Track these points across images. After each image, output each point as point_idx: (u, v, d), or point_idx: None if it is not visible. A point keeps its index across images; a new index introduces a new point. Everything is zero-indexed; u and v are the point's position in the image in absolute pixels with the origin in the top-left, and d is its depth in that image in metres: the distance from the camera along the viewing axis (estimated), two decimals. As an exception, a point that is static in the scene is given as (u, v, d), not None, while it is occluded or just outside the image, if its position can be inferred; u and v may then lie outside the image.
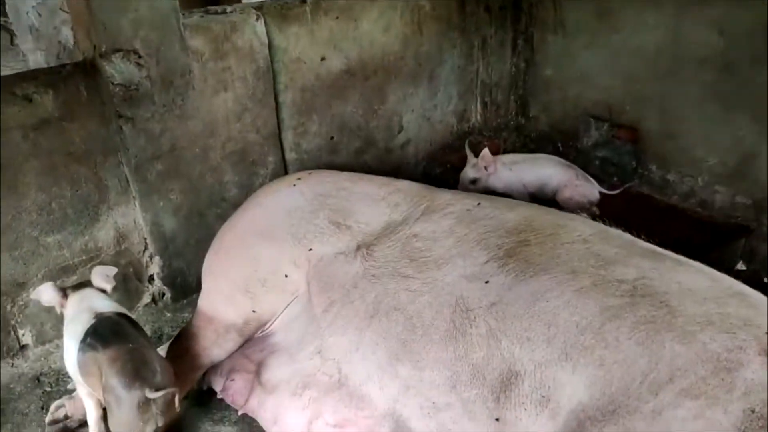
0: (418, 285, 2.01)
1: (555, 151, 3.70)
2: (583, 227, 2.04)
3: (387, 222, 2.31)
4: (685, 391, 1.40)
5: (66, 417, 2.25)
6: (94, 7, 2.38)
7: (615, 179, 3.47)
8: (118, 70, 2.47)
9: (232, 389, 2.24)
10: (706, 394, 1.38)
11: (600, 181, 3.29)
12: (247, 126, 2.94)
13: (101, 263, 2.68)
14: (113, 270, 2.19)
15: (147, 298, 2.95)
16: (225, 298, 2.34)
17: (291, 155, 3.21)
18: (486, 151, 3.20)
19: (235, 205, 2.82)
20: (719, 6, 2.90)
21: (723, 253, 2.97)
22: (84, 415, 2.16)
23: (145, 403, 1.83)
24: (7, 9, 3.33)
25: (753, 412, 1.35)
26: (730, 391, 1.37)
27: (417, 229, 2.22)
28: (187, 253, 2.92)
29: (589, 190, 3.22)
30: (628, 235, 2.03)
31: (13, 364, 2.61)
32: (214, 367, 2.35)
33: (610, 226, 2.10)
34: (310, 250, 2.28)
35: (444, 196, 2.38)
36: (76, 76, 2.49)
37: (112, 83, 2.48)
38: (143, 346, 1.96)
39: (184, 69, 2.65)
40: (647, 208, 3.28)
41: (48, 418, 2.24)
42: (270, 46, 2.91)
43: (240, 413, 2.23)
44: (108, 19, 2.42)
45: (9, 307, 2.58)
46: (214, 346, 2.31)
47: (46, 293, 2.10)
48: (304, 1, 3.05)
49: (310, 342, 2.14)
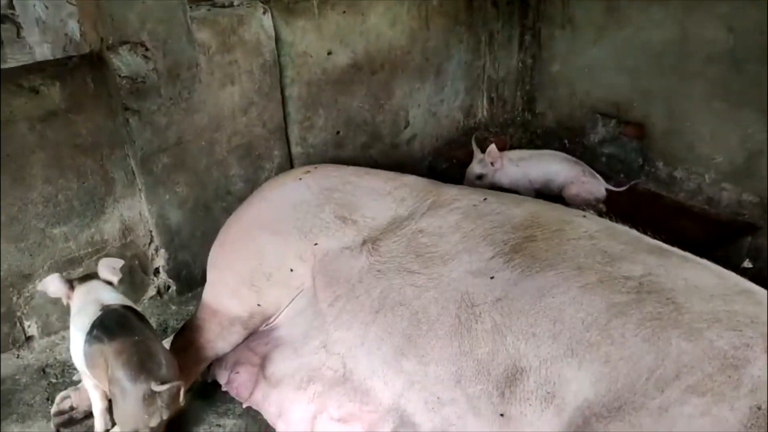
0: (423, 280, 2.01)
1: (561, 148, 3.68)
2: (590, 224, 2.04)
3: (393, 217, 2.31)
4: (692, 388, 1.40)
5: (71, 408, 2.25)
6: (102, -1, 2.39)
7: (621, 176, 3.45)
8: (125, 62, 2.47)
9: (237, 382, 2.25)
10: (712, 391, 1.38)
11: (606, 178, 3.27)
12: (254, 120, 2.93)
13: (107, 255, 2.69)
14: (120, 262, 2.20)
15: (152, 291, 2.96)
16: (230, 292, 2.34)
17: (297, 149, 3.21)
18: (493, 146, 3.19)
19: (241, 198, 2.81)
20: (728, 2, 2.88)
21: (729, 251, 2.96)
22: (89, 406, 2.17)
23: (150, 396, 1.84)
24: (14, 1, 3.33)
25: (759, 409, 1.34)
26: (736, 388, 1.37)
27: (423, 224, 2.21)
28: (193, 246, 2.92)
29: (596, 186, 3.20)
30: (634, 232, 2.03)
31: (18, 356, 2.61)
32: (219, 359, 2.35)
33: (617, 222, 2.10)
34: (316, 244, 2.28)
35: (450, 192, 2.38)
36: (83, 69, 2.50)
37: (119, 76, 2.48)
38: (149, 338, 1.97)
39: (191, 62, 2.64)
40: (654, 206, 3.26)
41: (53, 409, 2.25)
42: (277, 39, 2.91)
43: (244, 406, 2.23)
44: (115, 12, 2.42)
45: (15, 298, 2.59)
46: (218, 339, 2.31)
47: (52, 285, 2.10)
48: (312, -5, 3.05)
49: (315, 336, 2.14)
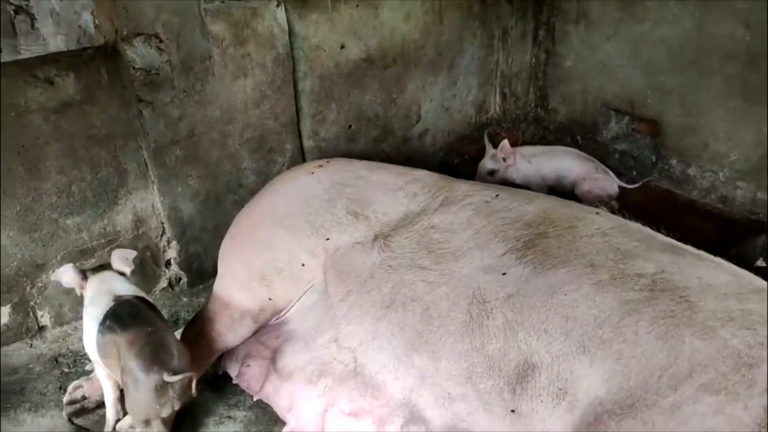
0: (435, 276, 2.00)
1: (574, 144, 3.66)
2: (602, 220, 2.03)
3: (405, 212, 2.30)
4: (705, 387, 1.39)
5: (83, 398, 2.27)
6: (117, -10, 2.39)
7: (634, 173, 3.43)
8: (139, 54, 2.48)
9: (248, 375, 2.25)
10: (726, 389, 1.37)
11: (619, 175, 3.26)
12: (266, 113, 2.93)
13: (119, 247, 2.70)
14: (132, 253, 2.21)
15: (164, 283, 2.98)
16: (241, 285, 2.35)
17: (309, 143, 3.21)
18: (505, 142, 3.18)
19: (252, 191, 2.82)
20: (745, -2, 2.86)
21: (743, 250, 2.93)
22: (101, 396, 2.18)
23: (162, 387, 1.86)
24: (29, -8, 3.34)
25: (773, 408, 1.33)
26: (750, 387, 1.36)
27: (435, 220, 2.21)
28: (204, 238, 2.93)
29: (609, 183, 3.19)
30: (647, 229, 2.01)
31: (31, 345, 2.64)
32: (230, 352, 2.36)
33: (630, 220, 2.09)
34: (327, 239, 2.28)
35: (462, 187, 2.37)
36: (98, 60, 2.51)
37: (133, 67, 2.49)
38: (161, 329, 1.98)
39: (204, 54, 2.65)
40: (667, 203, 3.24)
41: (66, 399, 2.27)
42: (290, 32, 2.90)
43: (255, 399, 2.23)
44: (130, 4, 2.43)
45: (28, 288, 2.61)
46: (229, 332, 2.32)
47: (66, 275, 2.12)
48: (325, -12, 3.04)
49: (326, 330, 2.14)
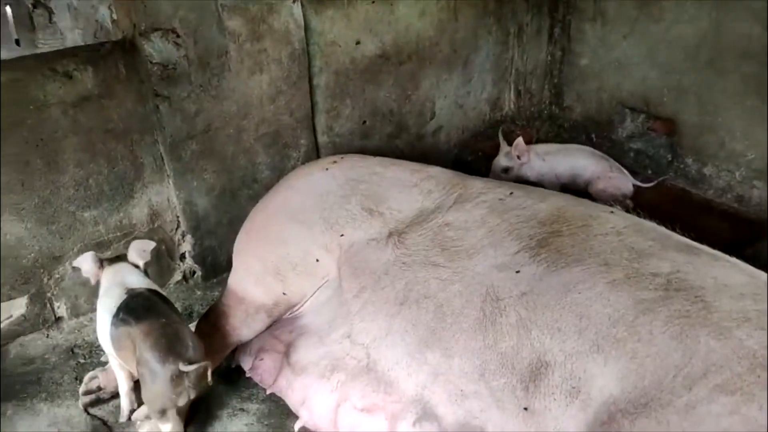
0: (448, 274, 2.00)
1: (589, 142, 3.65)
2: (617, 219, 2.02)
3: (419, 209, 2.30)
4: (720, 387, 1.39)
5: (99, 388, 2.30)
6: (135, -14, 2.41)
7: (649, 172, 3.42)
8: (156, 49, 2.50)
9: (261, 368, 2.27)
10: (741, 390, 1.36)
11: (634, 174, 3.24)
12: (281, 108, 2.94)
13: (135, 240, 2.72)
14: (151, 244, 2.22)
15: (178, 276, 3.00)
16: (255, 280, 2.36)
17: (323, 138, 3.21)
18: (520, 140, 3.17)
19: (267, 186, 2.84)
20: (762, -2, 2.84)
21: (759, 250, 2.92)
22: (116, 386, 2.21)
23: (178, 377, 1.87)
24: (47, -13, 3.37)
25: (789, 409, 1.33)
26: (766, 388, 1.35)
27: (449, 218, 2.20)
28: (219, 232, 2.95)
29: (623, 182, 3.17)
30: (662, 228, 2.00)
31: (48, 335, 2.67)
32: (243, 345, 2.37)
33: (644, 218, 2.08)
34: (342, 235, 2.28)
35: (476, 185, 2.36)
36: (116, 54, 2.53)
37: (151, 62, 2.51)
38: (175, 321, 1.99)
39: (221, 50, 2.66)
40: (682, 203, 3.22)
41: (81, 389, 2.29)
42: (306, 28, 2.91)
43: (268, 392, 2.25)
44: (148, -1, 2.44)
45: (45, 279, 2.63)
46: (242, 326, 2.33)
47: (86, 263, 2.14)
48: (341, -16, 3.04)
49: (340, 326, 2.15)
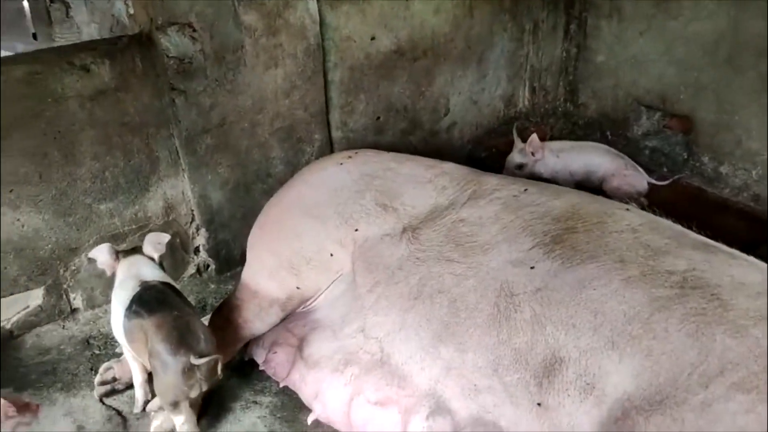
0: (463, 269, 2.00)
1: (603, 139, 3.63)
2: (632, 217, 2.01)
3: (433, 205, 2.30)
4: (737, 385, 1.38)
5: (114, 379, 2.32)
6: (152, -20, 2.42)
7: (665, 170, 3.40)
8: (173, 43, 2.51)
9: (274, 362, 2.28)
10: (758, 388, 1.36)
11: (649, 172, 3.22)
12: (296, 103, 2.95)
13: (150, 233, 2.74)
14: (166, 237, 2.23)
15: (192, 269, 3.01)
16: (269, 274, 2.37)
17: (337, 134, 3.22)
18: (534, 136, 3.16)
19: (281, 181, 2.84)
20: (782, -5, 2.81)
21: (775, 250, 2.90)
22: (131, 378, 2.23)
23: (189, 369, 1.88)
24: (64, -19, 3.40)
25: (806, 408, 1.32)
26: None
27: (463, 214, 2.20)
28: (233, 226, 2.96)
29: (638, 180, 3.15)
30: (678, 226, 1.99)
31: (64, 326, 2.69)
32: (256, 339, 2.39)
33: (660, 216, 2.07)
34: (356, 230, 2.29)
35: (491, 181, 2.36)
36: (132, 48, 2.54)
37: (167, 56, 2.52)
38: (187, 314, 2.00)
39: (237, 44, 2.67)
40: (697, 201, 3.20)
41: (97, 379, 2.31)
42: (321, 23, 2.92)
43: (281, 386, 2.26)
44: (165, -7, 2.45)
45: (62, 271, 2.66)
46: (256, 319, 2.34)
47: (102, 254, 2.16)
48: (357, -20, 3.04)
49: (354, 320, 2.16)
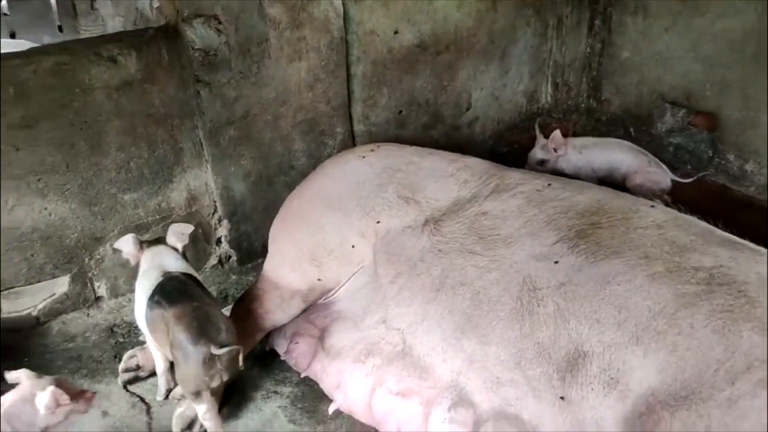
0: (485, 262, 2.01)
1: (626, 136, 3.60)
2: (657, 213, 2.00)
3: (455, 198, 2.31)
4: (763, 382, 1.37)
5: (138, 367, 2.34)
6: (179, -28, 2.44)
7: (689, 167, 3.36)
8: (198, 35, 2.53)
9: (296, 352, 2.30)
10: (786, 385, 1.35)
11: (673, 169, 3.19)
12: (318, 96, 2.96)
13: (173, 223, 2.76)
14: (189, 228, 2.25)
15: (214, 260, 3.03)
16: (291, 265, 2.39)
17: (359, 127, 3.22)
18: (557, 132, 3.14)
19: (303, 173, 2.86)
20: (813, -9, 2.77)
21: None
22: (154, 366, 2.25)
23: (210, 359, 1.89)
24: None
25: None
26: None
27: (486, 207, 2.21)
28: (255, 218, 2.98)
29: (662, 177, 3.12)
30: (704, 223, 1.98)
31: (88, 314, 2.73)
32: (278, 329, 2.40)
33: (686, 213, 2.05)
34: (378, 222, 2.30)
35: (513, 175, 2.37)
36: (159, 40, 2.56)
37: (193, 48, 2.54)
38: (208, 305, 2.01)
39: (261, 37, 2.68)
40: (722, 199, 3.16)
41: (121, 367, 2.34)
42: (345, 17, 2.92)
43: (302, 376, 2.28)
44: (191, -15, 2.47)
45: (87, 260, 2.69)
46: (277, 310, 2.36)
47: (127, 244, 2.18)
48: (381, -27, 3.04)
49: (375, 311, 2.17)
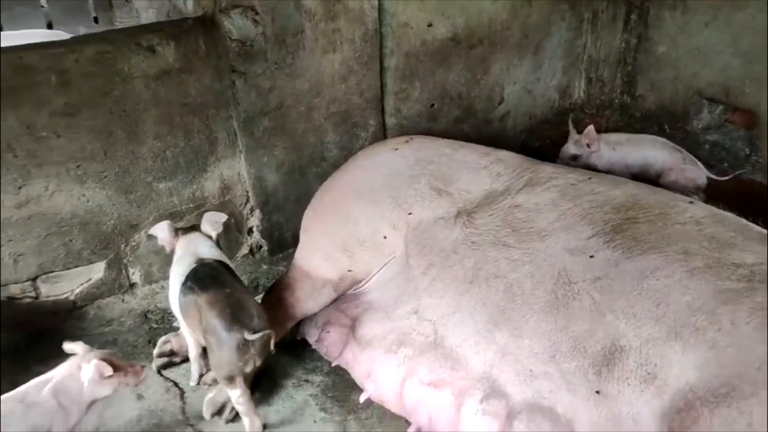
0: (519, 254, 2.00)
1: (661, 133, 3.54)
2: (696, 209, 1.98)
3: (488, 191, 2.30)
4: (808, 381, 1.35)
5: (172, 352, 2.38)
6: (217, -37, 2.46)
7: (725, 165, 3.31)
8: (236, 25, 2.55)
9: (327, 341, 2.31)
10: (830, 384, 1.33)
11: (708, 167, 3.14)
12: (352, 88, 2.97)
13: (206, 212, 2.79)
14: (223, 216, 2.27)
15: (245, 249, 3.06)
16: (323, 255, 2.40)
17: (391, 120, 3.22)
18: (591, 128, 3.11)
19: (335, 165, 2.87)
20: None
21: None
22: (188, 351, 2.28)
23: (244, 345, 1.92)
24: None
25: None
26: None
27: (519, 199, 2.20)
28: (286, 208, 3.00)
29: (697, 174, 3.07)
30: (743, 220, 1.96)
31: (123, 300, 2.77)
32: (309, 318, 2.42)
33: (724, 210, 2.02)
34: (410, 213, 2.31)
35: (546, 169, 2.36)
36: (197, 30, 2.59)
37: (229, 38, 2.56)
38: (240, 291, 2.03)
39: (297, 28, 2.69)
40: (759, 197, 3.11)
41: (155, 352, 2.38)
42: (379, 9, 2.92)
43: (333, 365, 2.29)
44: (229, -24, 2.49)
45: (122, 246, 2.73)
46: (308, 299, 2.38)
47: (162, 231, 2.21)
48: (416, -34, 3.03)
49: (407, 302, 2.17)
